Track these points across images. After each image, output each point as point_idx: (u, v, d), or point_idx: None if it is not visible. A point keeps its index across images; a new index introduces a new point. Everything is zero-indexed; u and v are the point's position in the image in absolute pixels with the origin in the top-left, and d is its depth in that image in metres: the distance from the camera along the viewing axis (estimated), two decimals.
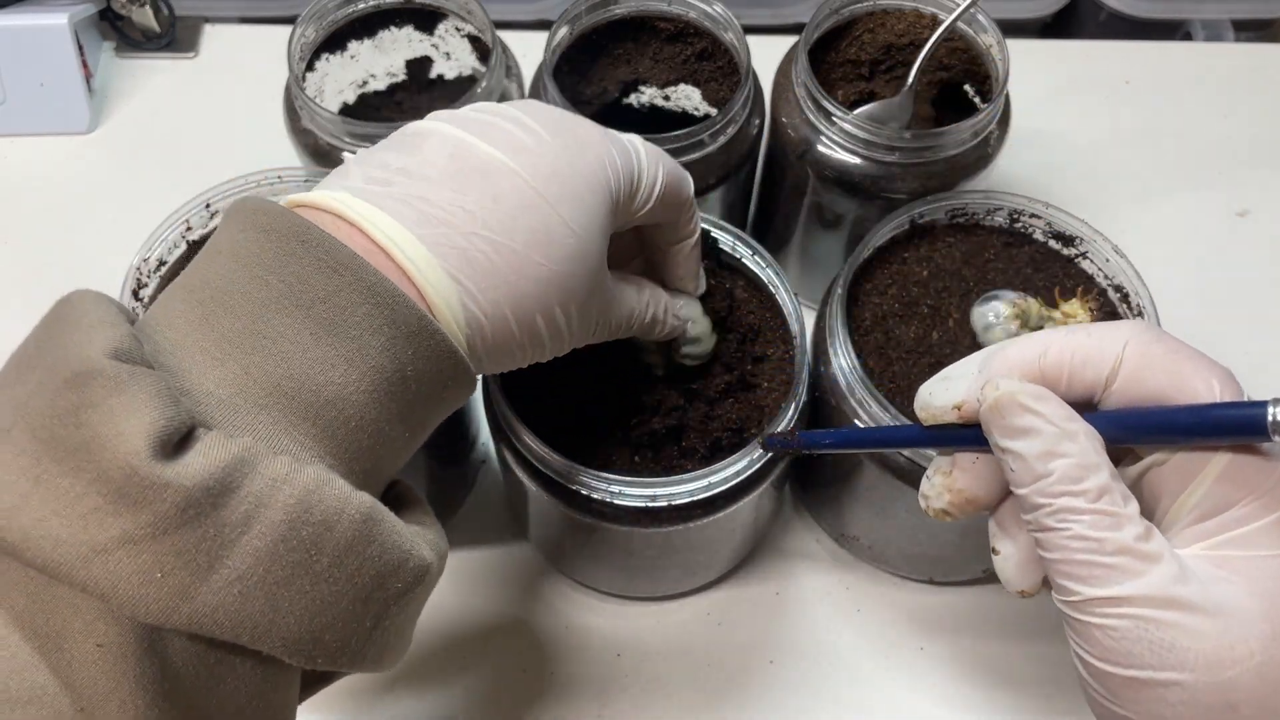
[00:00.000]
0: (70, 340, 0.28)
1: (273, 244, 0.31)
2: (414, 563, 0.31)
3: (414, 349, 0.32)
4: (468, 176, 0.34)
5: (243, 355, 0.30)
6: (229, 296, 0.31)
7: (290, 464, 0.28)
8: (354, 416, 0.31)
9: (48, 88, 0.72)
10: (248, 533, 0.27)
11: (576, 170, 0.36)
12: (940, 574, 0.56)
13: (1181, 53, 0.80)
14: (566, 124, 0.37)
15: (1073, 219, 0.51)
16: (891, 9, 0.60)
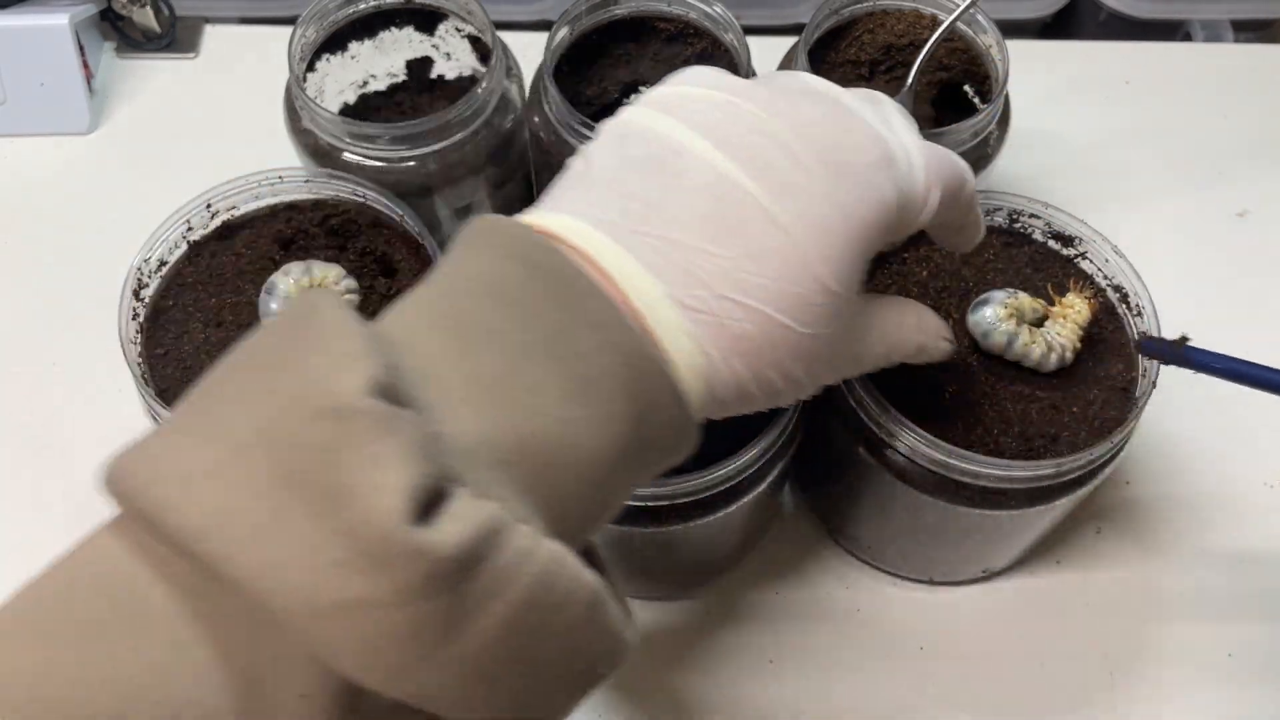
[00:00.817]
0: (322, 363, 0.26)
1: (538, 284, 0.29)
2: (624, 649, 0.29)
3: (659, 422, 0.30)
4: (729, 228, 0.30)
5: (495, 403, 0.28)
6: (484, 334, 0.28)
7: (532, 537, 0.26)
8: (587, 483, 0.29)
9: (48, 88, 0.72)
10: (485, 610, 0.25)
11: (847, 216, 0.32)
12: (940, 574, 0.56)
13: (1181, 53, 0.80)
14: (840, 142, 0.32)
15: (1072, 219, 0.52)
16: (891, 9, 0.60)
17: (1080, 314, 0.48)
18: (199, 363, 0.48)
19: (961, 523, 0.49)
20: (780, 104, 0.33)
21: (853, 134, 0.33)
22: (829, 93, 0.34)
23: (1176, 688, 0.54)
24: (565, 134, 0.54)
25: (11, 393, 0.63)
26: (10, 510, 0.58)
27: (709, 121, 0.32)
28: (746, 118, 0.32)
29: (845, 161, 0.32)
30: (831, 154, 0.32)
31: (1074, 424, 0.47)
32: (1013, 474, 0.45)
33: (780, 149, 0.32)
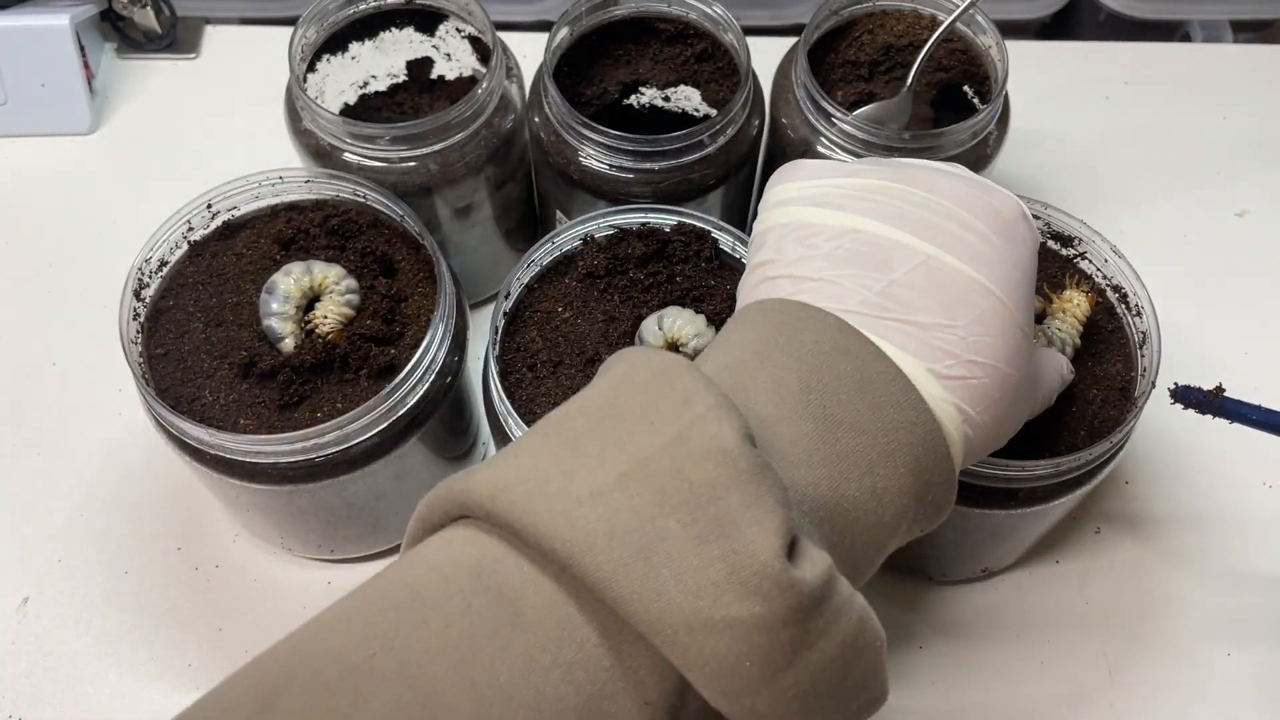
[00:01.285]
0: (698, 412, 0.29)
1: (853, 366, 0.33)
2: (885, 697, 0.31)
3: (934, 495, 0.34)
4: (953, 301, 0.35)
5: (815, 467, 0.31)
6: (807, 402, 0.32)
7: (849, 588, 0.29)
8: (874, 545, 0.33)
9: (49, 88, 0.72)
10: (818, 646, 0.28)
11: (1024, 272, 0.37)
12: (939, 572, 0.56)
13: (1180, 53, 0.81)
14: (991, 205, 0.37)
15: (1072, 219, 0.52)
16: (891, 10, 0.60)
17: (1080, 308, 0.49)
18: (199, 362, 0.48)
19: (961, 522, 0.49)
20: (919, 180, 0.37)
21: (993, 195, 0.38)
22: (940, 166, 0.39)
23: (1176, 687, 0.54)
24: (565, 134, 0.54)
25: (11, 393, 0.63)
26: (10, 510, 0.58)
27: (884, 210, 0.37)
28: (913, 200, 0.37)
29: (1006, 222, 0.37)
30: (995, 219, 0.37)
31: (1073, 424, 0.47)
32: (1011, 473, 0.45)
33: (956, 224, 0.36)
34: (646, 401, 0.30)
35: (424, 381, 0.47)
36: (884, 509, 0.32)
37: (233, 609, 0.56)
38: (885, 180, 0.37)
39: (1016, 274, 0.36)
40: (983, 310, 0.35)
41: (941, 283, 0.35)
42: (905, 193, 0.37)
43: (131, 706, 0.53)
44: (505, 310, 0.49)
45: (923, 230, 0.36)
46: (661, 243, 0.50)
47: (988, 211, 0.37)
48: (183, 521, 0.58)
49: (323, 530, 0.53)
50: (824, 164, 0.40)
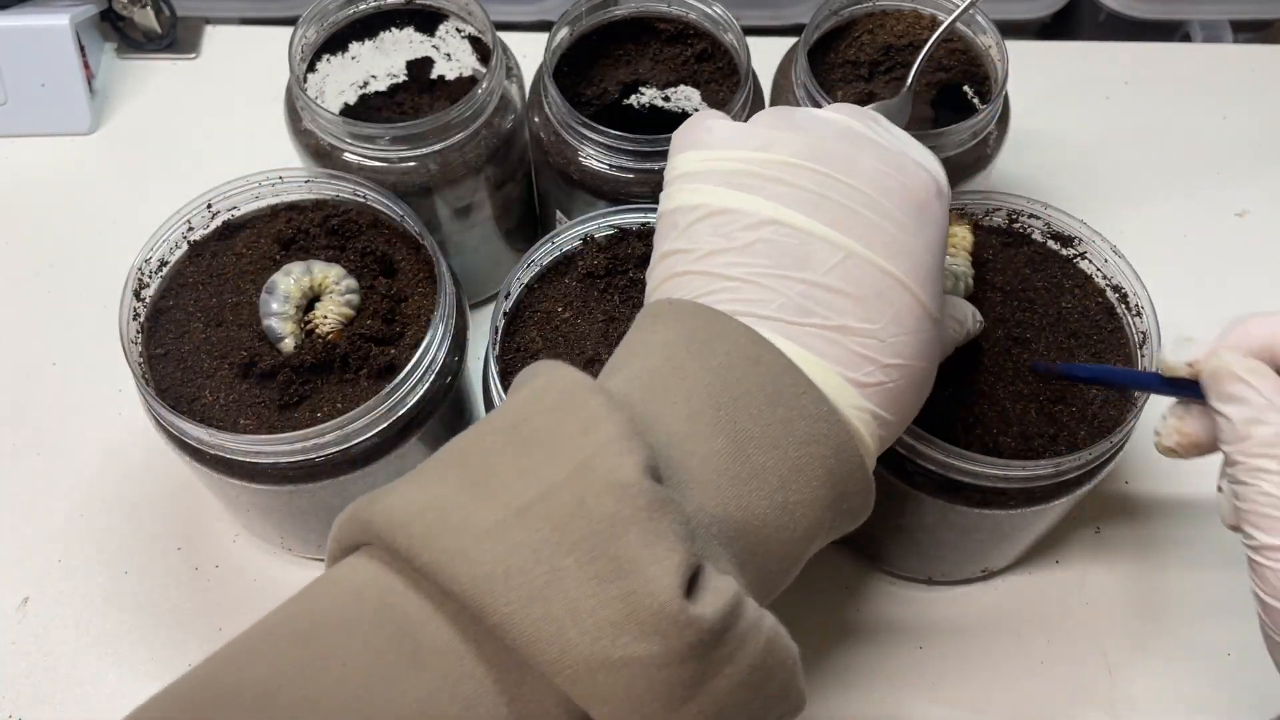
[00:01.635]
0: (599, 441, 0.29)
1: (764, 379, 0.32)
2: (803, 704, 0.31)
3: (849, 503, 0.34)
4: (870, 300, 0.34)
5: (724, 486, 0.31)
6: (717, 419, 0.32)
7: (757, 609, 0.29)
8: (788, 559, 0.33)
9: (49, 88, 0.72)
10: (723, 673, 0.28)
11: (936, 256, 0.36)
12: (939, 573, 0.56)
13: (1180, 54, 0.81)
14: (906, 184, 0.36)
15: (1071, 219, 0.52)
16: (891, 10, 0.60)
17: (965, 240, 0.49)
18: (199, 363, 0.48)
19: (960, 522, 0.49)
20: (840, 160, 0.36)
21: (907, 171, 0.36)
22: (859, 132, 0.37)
23: (1176, 687, 0.54)
24: (565, 134, 0.54)
25: (11, 393, 0.63)
26: (10, 510, 0.58)
27: (800, 197, 0.35)
28: (826, 182, 0.35)
29: (920, 202, 0.36)
30: (909, 201, 0.36)
31: (1073, 424, 0.47)
32: (1010, 473, 0.45)
33: (874, 211, 0.35)
34: (551, 426, 0.30)
35: (424, 381, 0.47)
36: (796, 523, 0.32)
37: (233, 609, 0.56)
38: (802, 159, 0.35)
39: (928, 259, 0.36)
40: (898, 308, 0.34)
41: (860, 280, 0.34)
42: (822, 175, 0.35)
43: (131, 706, 0.53)
44: (505, 310, 0.49)
45: (840, 220, 0.35)
46: None
47: (902, 194, 0.36)
48: (183, 521, 0.58)
49: (323, 530, 0.53)
50: (734, 129, 0.37)
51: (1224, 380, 0.36)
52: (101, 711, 0.53)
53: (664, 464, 0.30)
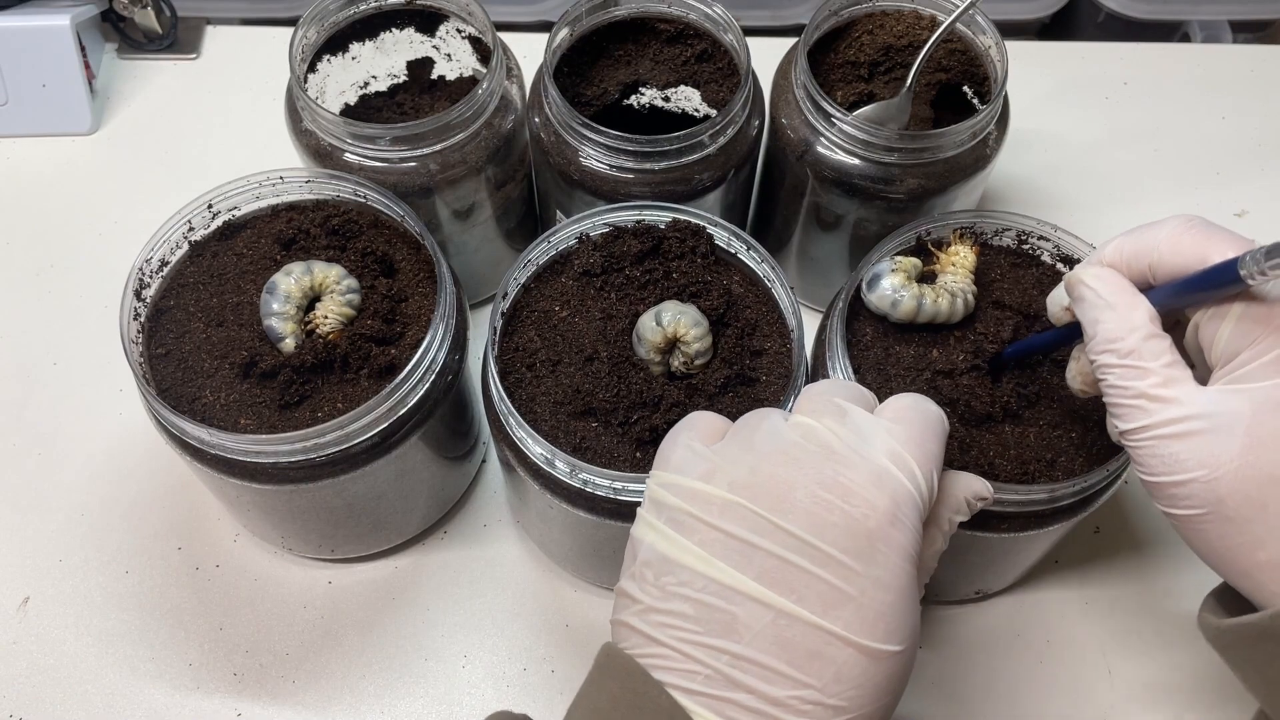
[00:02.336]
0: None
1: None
2: None
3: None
4: (804, 663, 0.33)
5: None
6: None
7: None
8: None
9: (50, 89, 0.72)
10: None
11: (891, 589, 0.34)
12: (934, 593, 0.56)
13: (1180, 54, 0.81)
14: (857, 527, 0.34)
15: (1081, 242, 0.50)
16: (890, 10, 0.60)
17: (966, 259, 0.49)
18: (200, 363, 0.48)
19: (955, 544, 0.48)
20: (773, 491, 0.35)
21: (853, 493, 0.35)
22: (802, 444, 0.36)
23: (1176, 687, 0.54)
24: (565, 134, 0.54)
25: (11, 392, 0.63)
26: (10, 510, 0.59)
27: (731, 548, 0.34)
28: (759, 525, 0.34)
29: (868, 533, 0.34)
30: (854, 535, 0.34)
31: (1072, 449, 0.47)
32: (1005, 497, 0.44)
33: (806, 557, 0.34)
34: None
35: (424, 381, 0.47)
36: None
37: (233, 609, 0.56)
38: (736, 493, 0.35)
39: (884, 597, 0.34)
40: (839, 665, 0.33)
41: (790, 643, 0.33)
42: (753, 518, 0.34)
43: (131, 706, 0.53)
44: (503, 310, 0.49)
45: (769, 573, 0.34)
46: (657, 240, 0.50)
47: (845, 528, 0.34)
48: (183, 521, 0.58)
49: (323, 530, 0.53)
50: (686, 454, 0.37)
51: (1073, 289, 0.39)
52: (101, 711, 0.53)
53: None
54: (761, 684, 0.33)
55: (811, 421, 0.37)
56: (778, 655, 0.33)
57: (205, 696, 0.53)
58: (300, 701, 0.53)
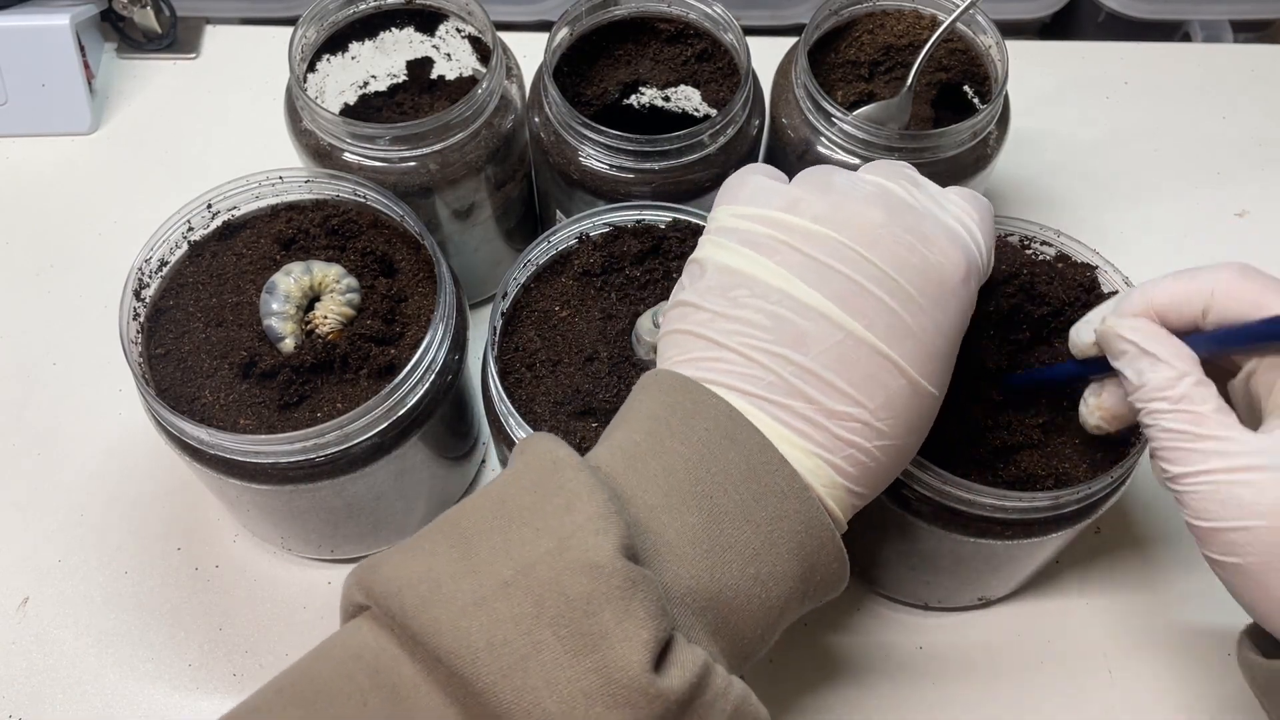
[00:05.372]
0: (578, 522, 0.31)
1: (740, 457, 0.34)
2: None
3: (822, 574, 0.35)
4: (862, 384, 0.35)
5: (699, 558, 0.32)
6: (694, 494, 0.33)
7: (725, 676, 0.31)
8: (760, 626, 0.34)
9: (49, 88, 0.72)
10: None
11: (949, 338, 0.37)
12: (936, 600, 0.56)
13: (1180, 54, 0.81)
14: (928, 261, 0.36)
15: (1085, 248, 0.50)
16: (891, 10, 0.60)
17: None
18: (199, 363, 0.48)
19: (957, 551, 0.48)
20: (856, 223, 0.36)
21: (934, 244, 0.37)
22: (881, 188, 0.38)
23: (1176, 687, 0.54)
24: (565, 134, 0.54)
25: (11, 392, 0.63)
26: (10, 510, 0.58)
27: (811, 269, 0.36)
28: (840, 251, 0.36)
29: (941, 285, 0.36)
30: (929, 282, 0.36)
31: (1076, 457, 0.46)
32: (1008, 504, 0.44)
33: (882, 286, 0.35)
34: (534, 503, 0.32)
35: (424, 381, 0.47)
36: (768, 593, 0.33)
37: (233, 609, 0.56)
38: (823, 223, 0.36)
39: (937, 341, 0.36)
40: (891, 392, 0.35)
41: (854, 363, 0.35)
42: (837, 245, 0.36)
43: (131, 706, 0.53)
44: (503, 310, 0.49)
45: (846, 297, 0.35)
46: (657, 239, 0.50)
47: (923, 274, 0.36)
48: (183, 521, 0.58)
49: (323, 530, 0.53)
50: (763, 187, 0.39)
51: (1112, 341, 0.39)
52: (101, 711, 0.53)
53: (641, 535, 0.32)
54: (820, 395, 0.35)
55: (886, 181, 0.38)
56: (839, 372, 0.35)
57: (205, 697, 0.53)
58: None
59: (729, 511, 0.33)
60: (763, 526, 0.33)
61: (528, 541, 0.31)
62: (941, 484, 0.44)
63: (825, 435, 0.35)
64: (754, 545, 0.33)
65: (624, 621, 0.29)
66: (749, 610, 0.33)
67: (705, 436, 0.34)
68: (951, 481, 0.43)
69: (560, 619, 0.29)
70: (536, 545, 0.31)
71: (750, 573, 0.33)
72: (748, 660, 0.34)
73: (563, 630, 0.29)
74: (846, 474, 0.35)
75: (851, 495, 0.36)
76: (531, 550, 0.30)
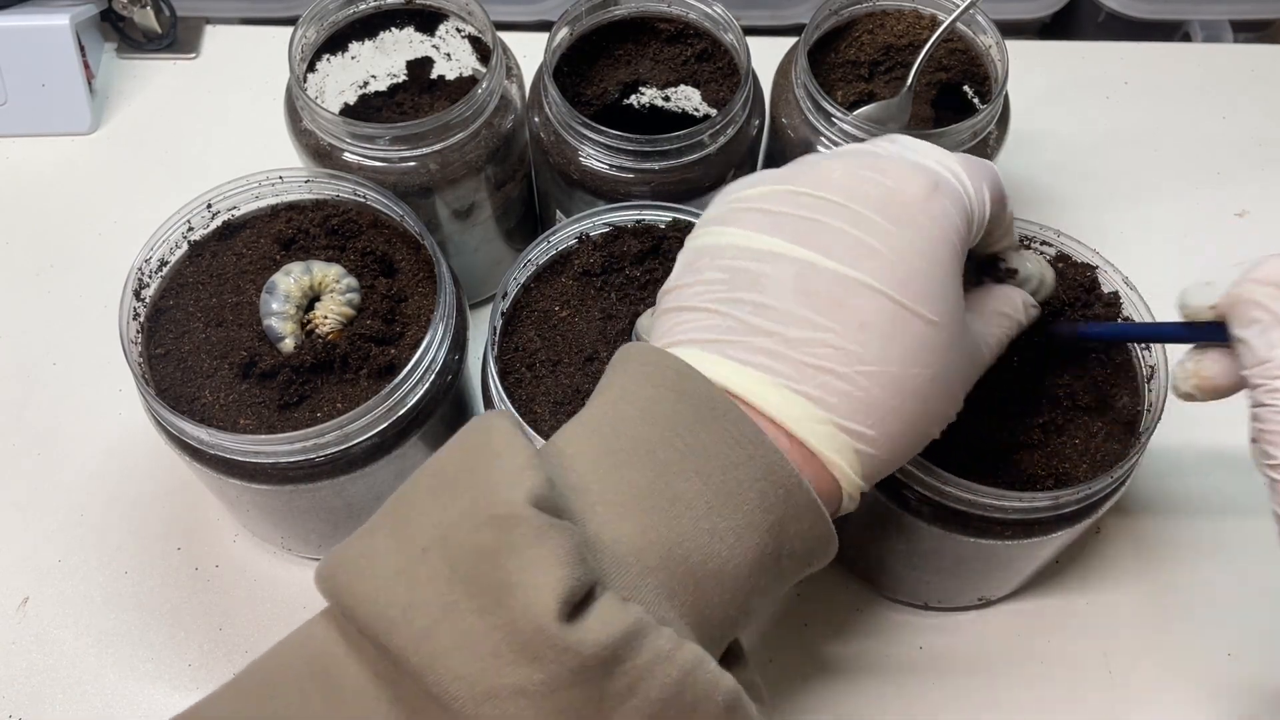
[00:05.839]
0: (495, 478, 0.30)
1: (686, 407, 0.32)
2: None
3: (796, 529, 0.33)
4: (828, 309, 0.33)
5: (643, 513, 0.31)
6: (636, 451, 0.32)
7: (673, 639, 0.29)
8: (729, 590, 0.31)
9: (49, 88, 0.72)
10: (624, 706, 0.28)
11: (926, 256, 0.34)
12: (936, 600, 0.56)
13: (1180, 54, 0.81)
14: (885, 186, 0.35)
15: (1085, 248, 0.50)
16: (891, 10, 0.60)
17: None
18: (199, 363, 0.48)
19: (957, 551, 0.48)
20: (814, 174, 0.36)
21: (890, 172, 0.35)
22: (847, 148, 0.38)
23: (1176, 688, 0.54)
24: (565, 134, 0.54)
25: (11, 392, 0.63)
26: (10, 510, 0.58)
27: (767, 220, 0.35)
28: (797, 200, 0.35)
29: (901, 203, 0.34)
30: (889, 204, 0.34)
31: (1075, 456, 0.47)
32: (1007, 504, 0.44)
33: (839, 217, 0.34)
34: (463, 467, 0.31)
35: (424, 381, 0.47)
36: (730, 550, 0.31)
37: (233, 609, 0.56)
38: (775, 184, 0.36)
39: (915, 259, 0.34)
40: (864, 312, 0.33)
41: (814, 291, 0.33)
42: (790, 194, 0.35)
43: (131, 706, 0.53)
44: (503, 310, 0.49)
45: (799, 234, 0.34)
46: (657, 239, 0.50)
47: (880, 197, 0.34)
48: (183, 521, 0.58)
49: (323, 530, 0.53)
50: (745, 178, 0.38)
51: (1245, 307, 0.36)
52: (101, 711, 0.53)
53: (582, 498, 0.31)
54: (778, 326, 0.33)
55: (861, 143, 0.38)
56: (799, 301, 0.33)
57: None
58: None
59: (674, 464, 0.31)
60: (714, 476, 0.31)
61: (449, 505, 0.30)
62: (941, 484, 0.44)
63: (789, 365, 0.33)
64: (706, 497, 0.31)
65: (528, 569, 0.27)
66: (709, 569, 0.31)
67: (653, 394, 0.32)
68: (951, 481, 0.43)
69: (469, 577, 0.28)
70: (455, 507, 0.29)
71: (705, 526, 0.31)
72: (723, 631, 0.32)
73: (472, 588, 0.28)
74: (827, 404, 0.32)
75: (848, 434, 0.33)
76: (451, 512, 0.29)
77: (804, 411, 0.32)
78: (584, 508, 0.31)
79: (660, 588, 0.30)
